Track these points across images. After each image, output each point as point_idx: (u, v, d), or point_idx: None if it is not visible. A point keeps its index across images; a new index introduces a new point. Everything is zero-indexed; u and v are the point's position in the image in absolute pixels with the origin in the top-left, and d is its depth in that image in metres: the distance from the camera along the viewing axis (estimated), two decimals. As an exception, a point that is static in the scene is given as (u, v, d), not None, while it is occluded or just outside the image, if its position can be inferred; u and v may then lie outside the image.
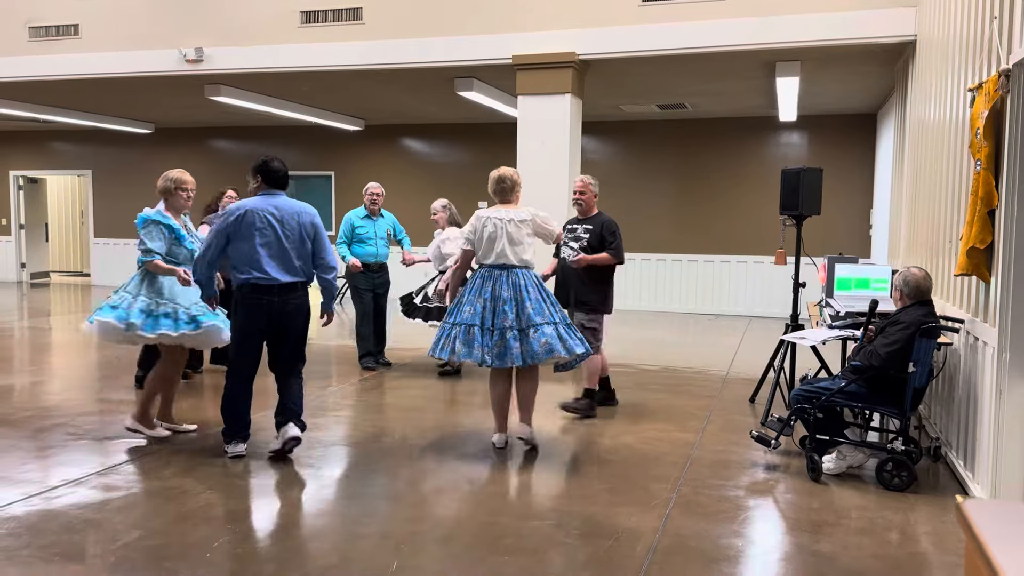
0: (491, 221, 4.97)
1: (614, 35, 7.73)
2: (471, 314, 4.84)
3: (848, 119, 11.59)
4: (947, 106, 5.30)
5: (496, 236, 4.92)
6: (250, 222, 4.65)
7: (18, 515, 3.86)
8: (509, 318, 4.78)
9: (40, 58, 9.57)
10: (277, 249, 4.67)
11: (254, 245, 4.64)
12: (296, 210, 4.79)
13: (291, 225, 4.72)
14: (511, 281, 4.88)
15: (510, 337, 4.77)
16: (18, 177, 15.84)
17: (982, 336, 4.19)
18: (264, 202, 4.73)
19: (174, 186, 5.19)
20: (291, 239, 4.71)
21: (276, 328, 4.75)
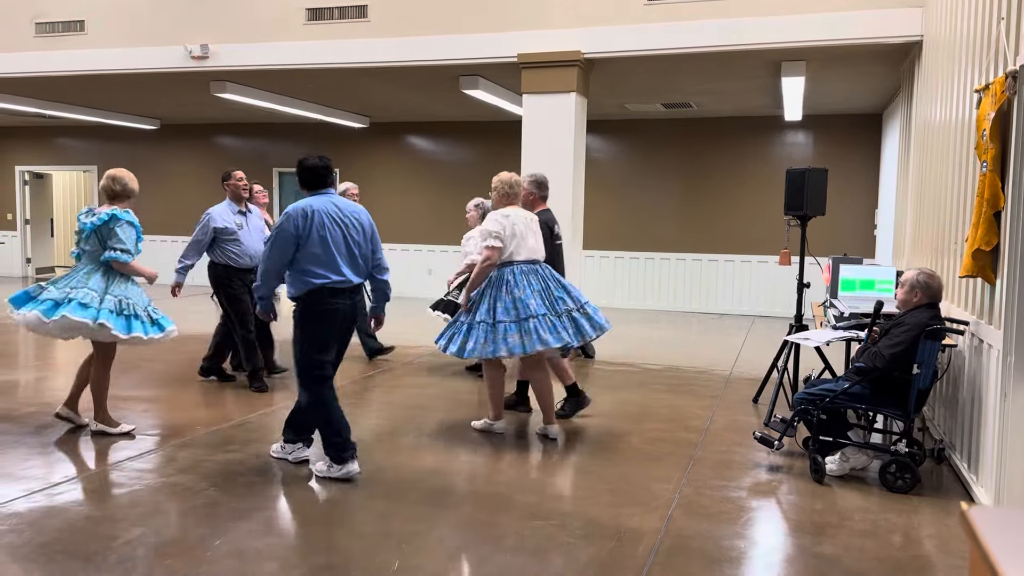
0: (519, 219, 5.22)
1: (619, 34, 7.71)
2: (537, 306, 5.07)
3: (854, 119, 11.56)
4: (953, 107, 5.28)
5: (525, 234, 5.22)
6: (319, 223, 4.39)
7: (20, 511, 3.86)
8: (568, 302, 5.20)
9: (46, 54, 9.58)
10: (345, 250, 4.46)
11: (328, 247, 4.40)
12: (355, 210, 4.57)
13: (355, 225, 4.51)
14: (547, 271, 5.29)
15: (577, 315, 5.18)
16: (24, 172, 15.87)
17: (987, 338, 4.17)
18: (325, 202, 4.46)
19: (136, 190, 5.22)
20: (355, 239, 4.50)
21: (345, 332, 4.58)
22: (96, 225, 4.96)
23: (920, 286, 4.45)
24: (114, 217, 4.97)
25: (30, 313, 4.84)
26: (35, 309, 4.84)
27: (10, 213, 16.01)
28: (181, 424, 5.46)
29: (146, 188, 14.94)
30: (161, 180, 14.94)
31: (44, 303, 4.87)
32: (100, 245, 4.99)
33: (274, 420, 5.61)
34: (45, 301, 4.88)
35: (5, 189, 16.03)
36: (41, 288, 5.01)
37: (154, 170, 14.93)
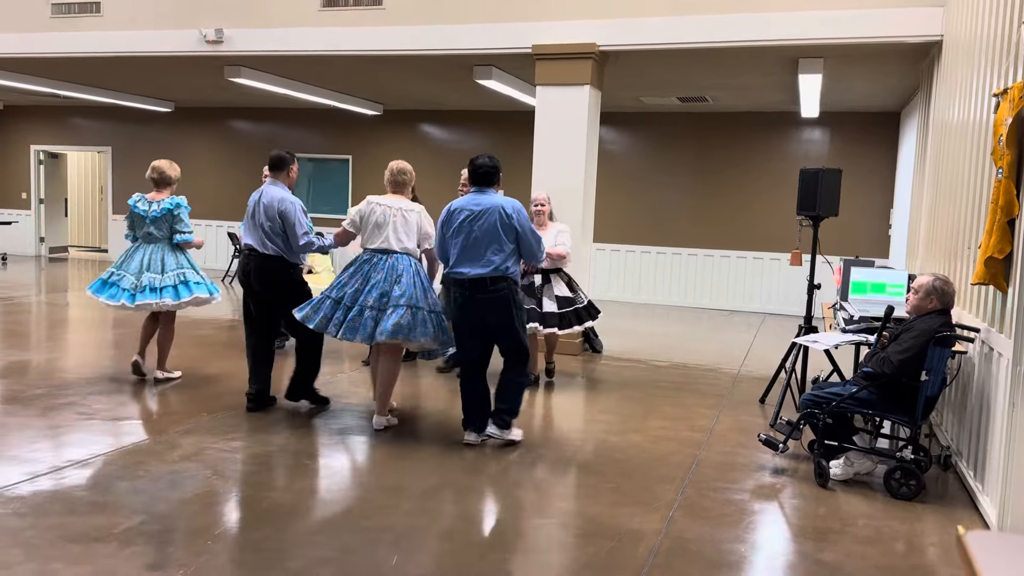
0: (380, 207, 5.16)
1: (635, 27, 7.64)
2: (340, 289, 5.10)
3: (871, 117, 11.45)
4: (971, 110, 5.21)
5: (384, 222, 5.12)
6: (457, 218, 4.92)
7: (24, 495, 3.89)
8: (372, 298, 4.99)
9: (62, 35, 9.59)
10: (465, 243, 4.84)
11: (457, 240, 4.90)
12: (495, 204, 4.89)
13: (481, 220, 4.84)
14: (388, 264, 5.08)
15: (367, 315, 4.97)
16: (39, 152, 15.94)
17: (997, 347, 4.12)
18: (466, 200, 4.91)
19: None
20: (473, 236, 4.85)
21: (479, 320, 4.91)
22: (162, 213, 6.03)
23: (936, 292, 4.40)
24: (179, 205, 6.06)
25: (152, 301, 5.93)
26: (152, 298, 5.91)
27: (24, 192, 16.09)
28: (186, 410, 5.48)
29: (160, 170, 14.98)
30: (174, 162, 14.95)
31: (163, 288, 5.96)
32: (168, 229, 6.07)
33: (278, 408, 5.62)
34: (161, 287, 5.97)
35: (20, 168, 16.11)
36: (119, 275, 6.03)
37: (168, 152, 14.95)
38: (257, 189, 5.54)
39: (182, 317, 9.12)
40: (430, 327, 5.02)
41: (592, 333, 8.28)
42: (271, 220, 5.37)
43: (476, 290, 4.77)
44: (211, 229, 14.75)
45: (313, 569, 3.26)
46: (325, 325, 5.05)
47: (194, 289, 6.04)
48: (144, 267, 5.98)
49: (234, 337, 8.24)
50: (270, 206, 5.38)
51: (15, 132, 16.09)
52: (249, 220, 5.48)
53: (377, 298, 4.98)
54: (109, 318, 9.08)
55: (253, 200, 5.49)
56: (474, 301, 4.79)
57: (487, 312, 4.81)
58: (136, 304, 5.88)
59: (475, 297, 4.78)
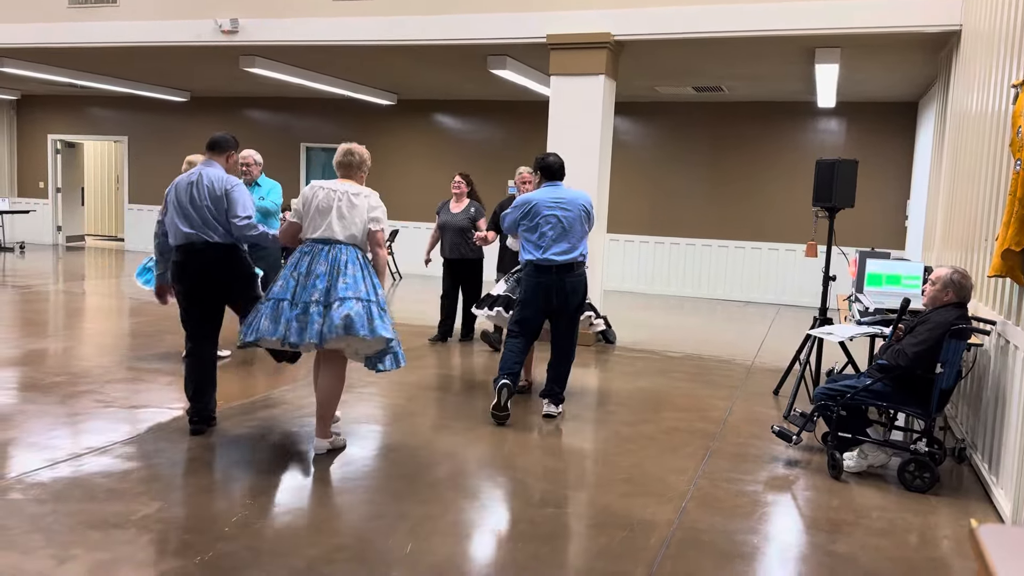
0: (323, 191, 4.51)
1: (650, 16, 7.61)
2: (282, 288, 4.41)
3: (889, 107, 11.36)
4: (989, 100, 5.16)
5: (326, 208, 4.47)
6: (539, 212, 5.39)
7: (44, 482, 3.94)
8: (318, 291, 4.34)
9: (79, 25, 9.64)
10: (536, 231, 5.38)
11: (532, 228, 5.40)
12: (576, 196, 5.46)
13: (557, 209, 5.39)
14: (331, 255, 4.43)
15: (314, 311, 4.33)
16: (56, 141, 16.06)
17: (1013, 339, 4.10)
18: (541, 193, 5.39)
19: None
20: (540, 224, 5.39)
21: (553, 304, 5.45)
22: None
23: (953, 285, 4.38)
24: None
25: None
26: None
27: (42, 181, 16.22)
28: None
29: (175, 160, 15.07)
30: (190, 152, 15.03)
31: None
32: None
33: (293, 397, 5.66)
34: None
35: (37, 158, 16.24)
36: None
37: (183, 142, 15.04)
38: (184, 173, 4.99)
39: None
40: (387, 321, 4.44)
41: (606, 324, 8.27)
42: (215, 203, 4.72)
43: (565, 274, 5.33)
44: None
45: (329, 556, 3.29)
46: (285, 333, 4.32)
47: None
48: None
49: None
50: (212, 187, 4.73)
51: (33, 122, 16.21)
52: (187, 207, 4.72)
53: (323, 292, 4.35)
54: (126, 307, 9.16)
55: (182, 184, 4.77)
56: (563, 283, 5.33)
57: (571, 293, 5.37)
58: None
59: (564, 280, 5.33)
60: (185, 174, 4.83)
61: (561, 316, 5.45)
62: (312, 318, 4.31)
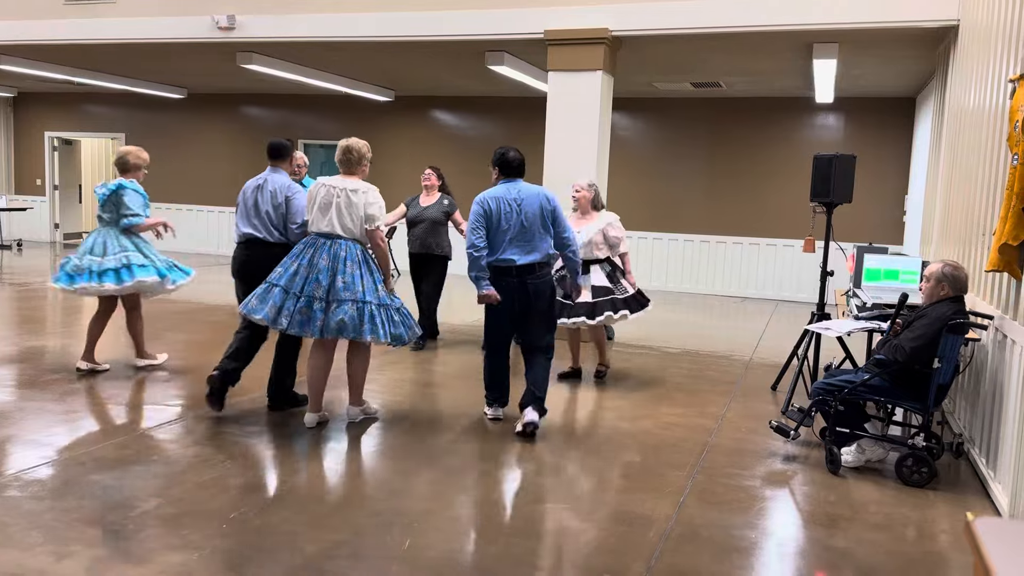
0: (325, 188, 4.81)
1: (648, 11, 7.60)
2: (280, 276, 4.76)
3: (887, 102, 11.36)
4: (987, 95, 5.17)
5: (328, 204, 4.76)
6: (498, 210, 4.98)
7: (41, 478, 3.94)
8: (321, 287, 4.66)
9: (75, 21, 9.62)
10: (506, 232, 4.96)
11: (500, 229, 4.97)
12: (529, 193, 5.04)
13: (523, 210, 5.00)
14: (332, 250, 4.72)
15: (317, 308, 4.67)
16: (53, 139, 16.03)
17: (1010, 334, 4.11)
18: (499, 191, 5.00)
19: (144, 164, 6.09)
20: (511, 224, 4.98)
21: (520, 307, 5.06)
22: (106, 195, 5.90)
23: (948, 279, 4.38)
24: (121, 186, 5.89)
25: (90, 285, 5.78)
26: (91, 282, 5.79)
27: (39, 179, 16.20)
28: (201, 395, 5.52)
29: (172, 157, 15.05)
30: (187, 149, 15.03)
31: (103, 272, 5.80)
32: (115, 212, 5.91)
33: (292, 394, 5.66)
34: (101, 271, 5.80)
35: (34, 155, 16.21)
36: (67, 260, 5.89)
37: (181, 139, 15.03)
38: (254, 177, 5.36)
39: (196, 302, 9.19)
40: (378, 322, 4.69)
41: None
42: (275, 208, 5.20)
43: (526, 276, 4.96)
44: (224, 215, 14.81)
45: (327, 552, 3.30)
46: (275, 317, 4.67)
47: (137, 273, 5.79)
48: (87, 250, 5.86)
49: (247, 323, 8.29)
50: (275, 193, 5.19)
51: (29, 119, 16.18)
52: (250, 209, 5.24)
53: (326, 288, 4.67)
54: (124, 304, 9.15)
55: (249, 187, 5.28)
56: (524, 287, 4.97)
57: (535, 297, 5.00)
58: (75, 288, 5.78)
59: (525, 283, 4.96)
60: (254, 178, 5.36)
61: (529, 321, 5.04)
62: (315, 314, 4.68)
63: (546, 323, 5.10)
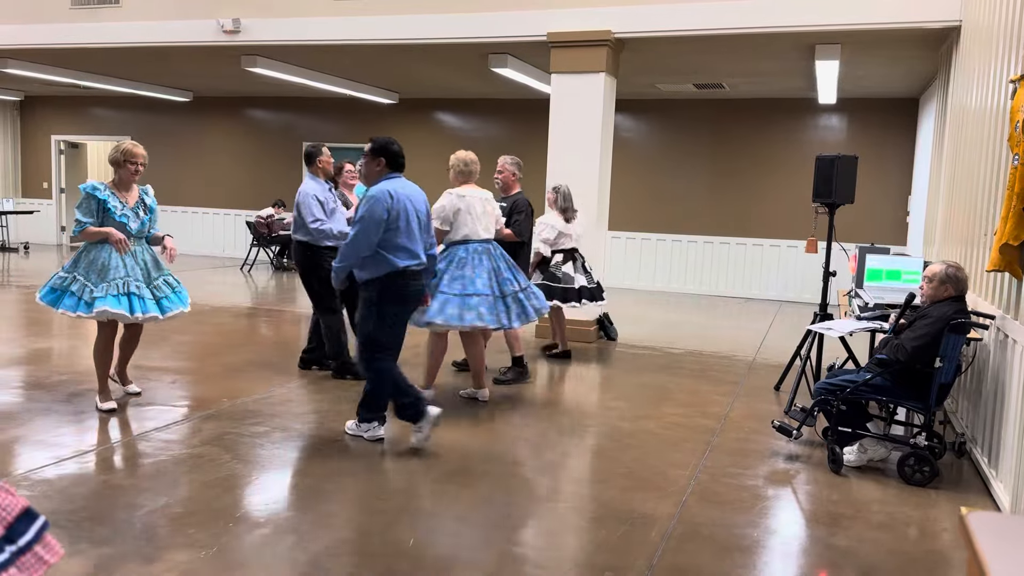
0: (474, 200, 5.43)
1: (650, 13, 7.63)
2: (483, 285, 5.31)
3: (890, 103, 11.36)
4: (988, 96, 5.18)
5: (481, 213, 5.45)
6: (406, 208, 4.58)
7: (50, 478, 3.98)
8: (513, 284, 5.46)
9: (81, 25, 9.69)
10: (418, 232, 4.66)
11: (411, 230, 4.58)
12: (417, 191, 4.75)
13: (421, 208, 4.73)
14: (499, 252, 5.52)
15: (522, 298, 5.47)
16: (59, 142, 16.11)
17: (1012, 333, 4.12)
18: (400, 185, 4.60)
19: (123, 158, 5.20)
20: (422, 222, 4.72)
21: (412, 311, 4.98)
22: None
23: (950, 280, 4.40)
24: (80, 191, 5.09)
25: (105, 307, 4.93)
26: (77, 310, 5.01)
27: (45, 182, 16.28)
28: (207, 396, 5.56)
29: (178, 160, 15.11)
30: (193, 152, 15.09)
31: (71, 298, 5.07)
32: None
33: (298, 394, 5.70)
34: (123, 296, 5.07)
35: (40, 158, 16.29)
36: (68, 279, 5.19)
37: (186, 142, 15.09)
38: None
39: (202, 304, 9.23)
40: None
41: (607, 320, 8.31)
42: (297, 209, 5.90)
43: (424, 276, 4.76)
44: (228, 218, 14.87)
45: (332, 550, 3.33)
46: (499, 320, 5.32)
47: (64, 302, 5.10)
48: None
49: (252, 324, 8.33)
50: (296, 196, 5.94)
51: (36, 122, 16.26)
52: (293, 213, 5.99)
53: (513, 280, 5.47)
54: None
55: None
56: (420, 289, 4.71)
57: (420, 298, 4.79)
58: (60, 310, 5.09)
59: (420, 284, 4.71)
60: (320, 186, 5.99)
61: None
62: (523, 303, 5.48)
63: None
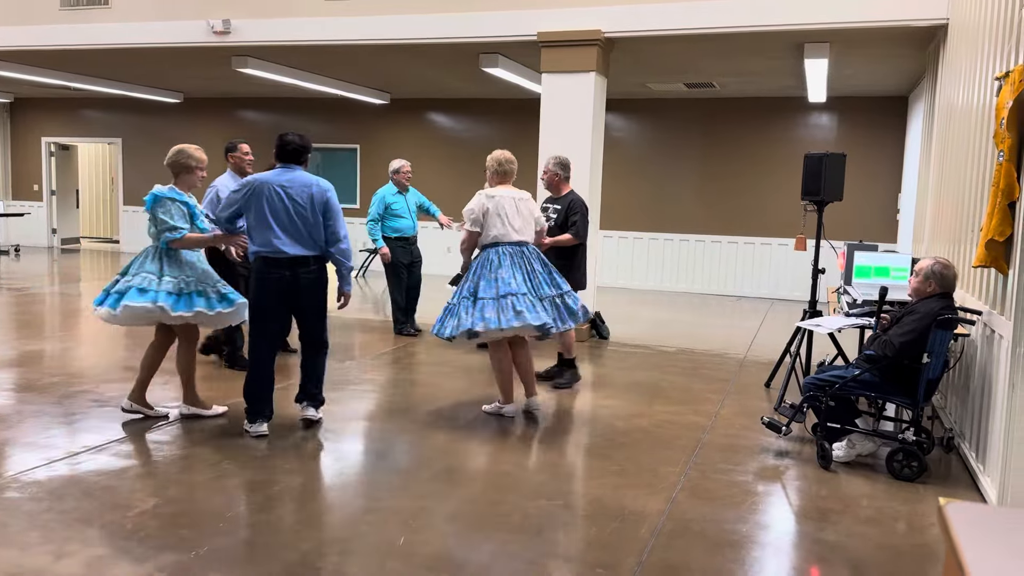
0: (507, 200, 5.17)
1: (640, 13, 7.65)
2: (518, 285, 5.07)
3: (879, 101, 11.41)
4: (975, 93, 5.22)
5: (516, 214, 5.19)
6: (260, 195, 4.67)
7: (41, 480, 3.98)
8: (545, 288, 5.19)
9: (71, 27, 9.67)
10: (288, 222, 4.65)
11: (265, 218, 4.64)
12: (308, 183, 4.74)
13: (303, 199, 4.68)
14: (534, 254, 5.25)
15: (559, 303, 5.21)
16: (50, 144, 16.06)
17: (998, 329, 4.15)
18: (277, 176, 4.73)
19: (194, 164, 5.01)
20: (302, 213, 4.68)
21: (292, 302, 4.77)
22: (147, 209, 4.93)
23: (935, 276, 4.43)
24: (154, 197, 4.89)
25: (102, 310, 4.81)
26: (106, 305, 4.80)
27: (36, 184, 16.23)
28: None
29: (169, 161, 15.07)
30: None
31: (111, 296, 4.82)
32: (155, 227, 4.89)
33: (289, 395, 5.70)
34: (113, 294, 4.83)
35: (31, 160, 16.24)
36: (116, 280, 4.89)
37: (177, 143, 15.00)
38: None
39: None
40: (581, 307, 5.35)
41: (599, 319, 8.33)
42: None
43: (298, 268, 4.68)
44: (221, 219, 14.85)
45: (323, 549, 3.34)
46: (544, 321, 5.04)
47: (195, 303, 4.93)
48: (135, 271, 5.00)
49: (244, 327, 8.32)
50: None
51: (26, 125, 16.21)
52: None
53: (549, 283, 5.22)
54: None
55: None
56: (296, 280, 4.68)
57: (305, 293, 4.74)
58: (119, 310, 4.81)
59: (297, 276, 4.68)
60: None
61: (305, 314, 4.85)
62: (559, 308, 5.20)
63: (321, 320, 4.90)
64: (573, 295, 5.34)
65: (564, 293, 5.26)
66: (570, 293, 5.31)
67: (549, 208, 6.34)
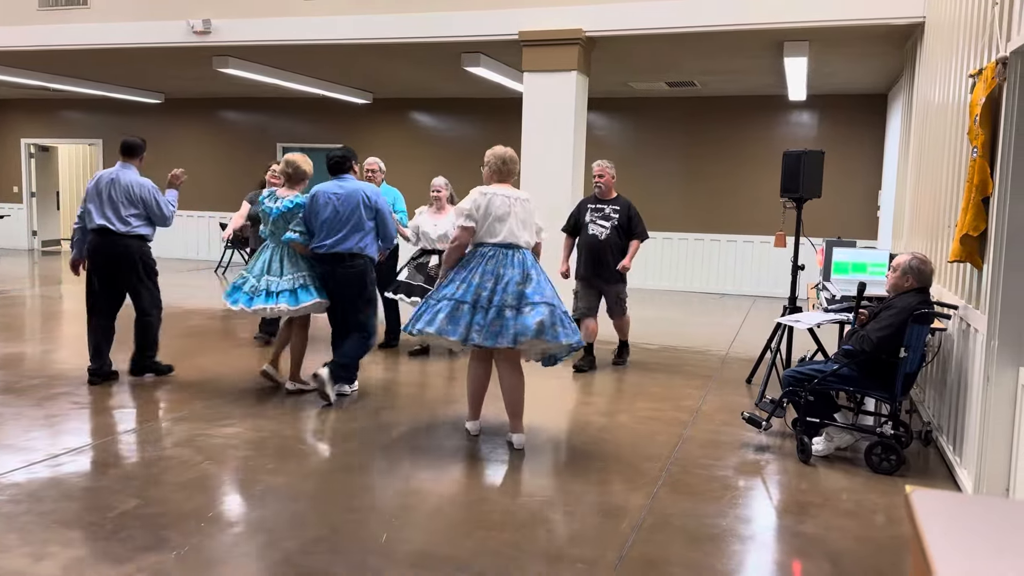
0: (499, 198, 4.68)
1: (621, 12, 7.68)
2: (463, 291, 4.55)
3: (859, 99, 11.50)
4: (950, 90, 5.28)
5: (507, 214, 4.66)
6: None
7: (20, 482, 3.96)
8: (510, 296, 4.50)
9: (49, 27, 9.59)
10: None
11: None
12: None
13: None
14: (517, 259, 4.64)
15: (508, 315, 4.47)
16: (29, 145, 15.93)
17: (973, 323, 4.21)
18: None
19: (304, 175, 5.78)
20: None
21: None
22: (281, 211, 5.60)
23: (912, 271, 4.48)
24: (298, 205, 5.58)
25: (282, 305, 5.50)
26: (281, 301, 5.50)
27: (16, 186, 16.08)
28: (179, 398, 5.54)
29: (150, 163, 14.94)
30: (165, 154, 14.96)
31: (283, 294, 5.52)
32: (285, 227, 5.61)
33: (272, 395, 5.69)
34: (283, 293, 5.53)
35: (11, 162, 16.10)
36: (244, 279, 5.64)
37: (158, 144, 14.94)
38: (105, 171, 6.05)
39: (174, 307, 9.17)
40: (568, 326, 4.60)
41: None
42: (132, 201, 5.93)
43: (337, 263, 5.45)
44: (203, 220, 14.78)
45: (305, 548, 3.34)
46: (467, 335, 4.49)
47: (316, 294, 5.55)
48: (265, 270, 5.60)
49: (227, 326, 8.30)
50: (129, 188, 5.95)
51: (5, 126, 16.07)
52: (104, 199, 5.92)
53: (515, 296, 4.51)
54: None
55: (105, 180, 5.97)
56: (335, 272, 5.49)
57: (343, 284, 5.51)
58: (252, 308, 5.52)
59: (335, 270, 5.48)
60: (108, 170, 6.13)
61: (342, 302, 5.61)
62: (506, 322, 4.47)
63: (356, 311, 5.59)
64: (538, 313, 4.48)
65: (525, 308, 4.50)
66: (536, 309, 4.49)
67: (607, 208, 6.89)
